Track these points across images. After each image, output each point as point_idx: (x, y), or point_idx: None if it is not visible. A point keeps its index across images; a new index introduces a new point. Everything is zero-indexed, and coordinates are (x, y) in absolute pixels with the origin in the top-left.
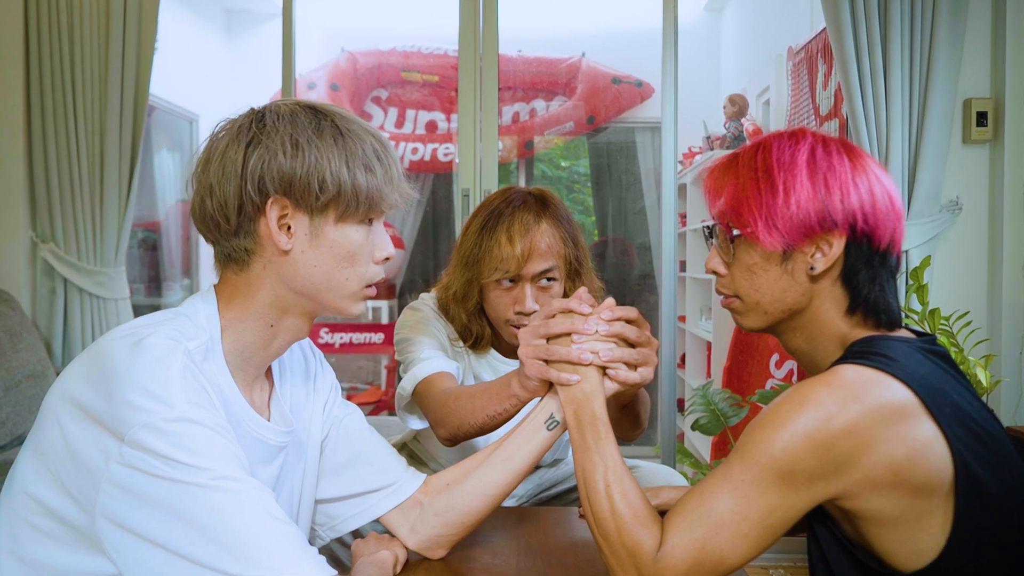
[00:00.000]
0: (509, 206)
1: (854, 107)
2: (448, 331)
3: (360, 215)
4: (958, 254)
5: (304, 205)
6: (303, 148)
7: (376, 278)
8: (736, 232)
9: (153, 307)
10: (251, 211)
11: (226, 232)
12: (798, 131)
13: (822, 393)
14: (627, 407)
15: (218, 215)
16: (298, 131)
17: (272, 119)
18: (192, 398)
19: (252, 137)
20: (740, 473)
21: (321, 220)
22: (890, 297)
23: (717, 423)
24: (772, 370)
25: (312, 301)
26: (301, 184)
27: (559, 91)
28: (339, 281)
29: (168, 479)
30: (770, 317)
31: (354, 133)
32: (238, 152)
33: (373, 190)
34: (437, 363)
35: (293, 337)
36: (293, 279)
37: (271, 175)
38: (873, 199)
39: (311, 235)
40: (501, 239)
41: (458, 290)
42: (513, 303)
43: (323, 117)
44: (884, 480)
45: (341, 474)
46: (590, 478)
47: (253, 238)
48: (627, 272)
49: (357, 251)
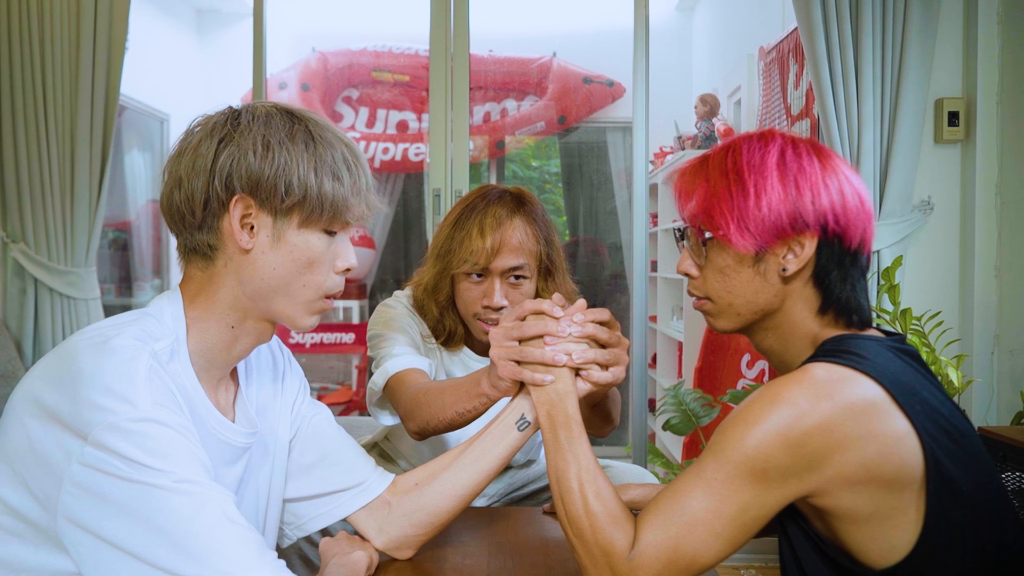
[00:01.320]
0: (484, 200)
1: (825, 107)
2: (421, 328)
3: (324, 222)
4: (930, 254)
5: (269, 206)
6: (273, 150)
7: (334, 289)
8: (708, 235)
9: (124, 307)
10: (216, 207)
11: (191, 225)
12: (767, 132)
13: (794, 391)
14: (598, 405)
15: (184, 208)
16: (271, 132)
17: (247, 119)
18: (157, 399)
19: (225, 134)
20: (713, 471)
21: (284, 223)
22: (861, 297)
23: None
24: (743, 370)
25: (266, 307)
26: (267, 185)
27: (530, 91)
28: (296, 287)
29: (129, 480)
30: (743, 318)
31: (326, 140)
32: (210, 148)
33: (339, 198)
34: (409, 359)
35: (256, 340)
36: (251, 280)
37: (239, 173)
38: (844, 200)
39: (273, 237)
40: (472, 231)
41: (429, 282)
42: (482, 297)
43: (297, 121)
44: (856, 476)
45: (309, 474)
46: (563, 478)
47: (216, 234)
48: (598, 272)
49: (317, 258)
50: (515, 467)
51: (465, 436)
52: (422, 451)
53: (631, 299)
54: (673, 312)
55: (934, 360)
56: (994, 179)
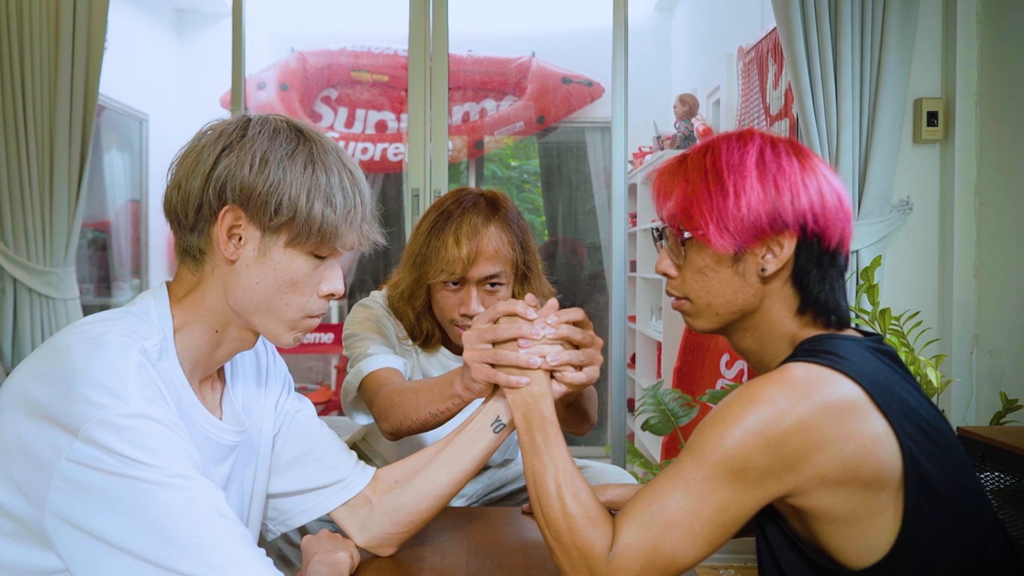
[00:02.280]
0: (459, 207)
1: (804, 107)
2: (397, 329)
3: (311, 245)
4: (909, 254)
5: (258, 221)
6: (270, 166)
7: (317, 311)
8: (687, 235)
9: (103, 307)
10: (207, 213)
11: (184, 226)
12: (746, 132)
13: (773, 391)
14: (574, 404)
15: (179, 209)
16: (272, 148)
17: (255, 131)
18: (147, 395)
19: (230, 143)
20: (692, 471)
21: (272, 240)
22: (839, 297)
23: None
24: (722, 370)
25: (247, 320)
26: (259, 200)
27: (509, 91)
28: (278, 305)
29: (120, 475)
30: (721, 318)
31: (326, 164)
32: (212, 153)
33: (329, 224)
34: (383, 359)
35: (238, 347)
36: (233, 291)
37: (233, 184)
38: (823, 200)
39: (259, 251)
40: (448, 241)
41: (405, 289)
42: (459, 304)
43: (303, 141)
44: (835, 476)
45: (292, 469)
46: (540, 480)
47: (206, 239)
48: (577, 272)
49: (300, 280)
50: (493, 467)
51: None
52: (400, 453)
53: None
54: (652, 312)
55: (913, 360)
56: (973, 179)
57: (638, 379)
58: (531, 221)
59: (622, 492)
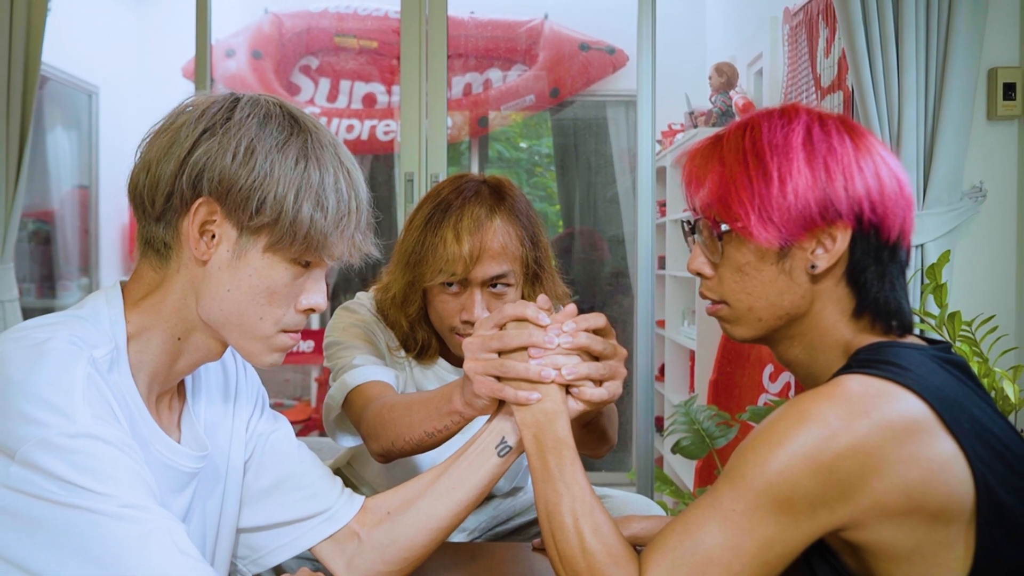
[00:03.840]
0: (459, 197)
1: (861, 78)
2: (388, 338)
3: (295, 252)
4: (982, 248)
5: (236, 219)
6: (256, 157)
7: (294, 326)
8: (724, 227)
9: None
10: (178, 203)
11: (150, 215)
12: (790, 108)
13: (824, 407)
14: (591, 423)
15: (146, 194)
16: (261, 137)
17: (243, 114)
18: (97, 412)
19: (212, 125)
20: (731, 501)
21: (249, 241)
22: (901, 298)
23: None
24: (766, 383)
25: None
26: (239, 195)
27: (518, 59)
28: (251, 318)
29: (64, 505)
30: (765, 324)
31: (321, 161)
32: (190, 135)
33: (316, 231)
34: (372, 371)
35: (203, 357)
36: (202, 297)
37: (211, 174)
38: (880, 184)
39: (234, 253)
40: (447, 236)
41: (398, 293)
42: (460, 310)
43: (298, 131)
44: (896, 506)
45: (266, 500)
46: (555, 511)
47: (174, 233)
48: (596, 270)
49: (278, 290)
50: (499, 496)
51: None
52: (391, 480)
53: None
54: (684, 316)
55: (987, 372)
56: None
57: (668, 394)
58: (543, 210)
59: (649, 525)
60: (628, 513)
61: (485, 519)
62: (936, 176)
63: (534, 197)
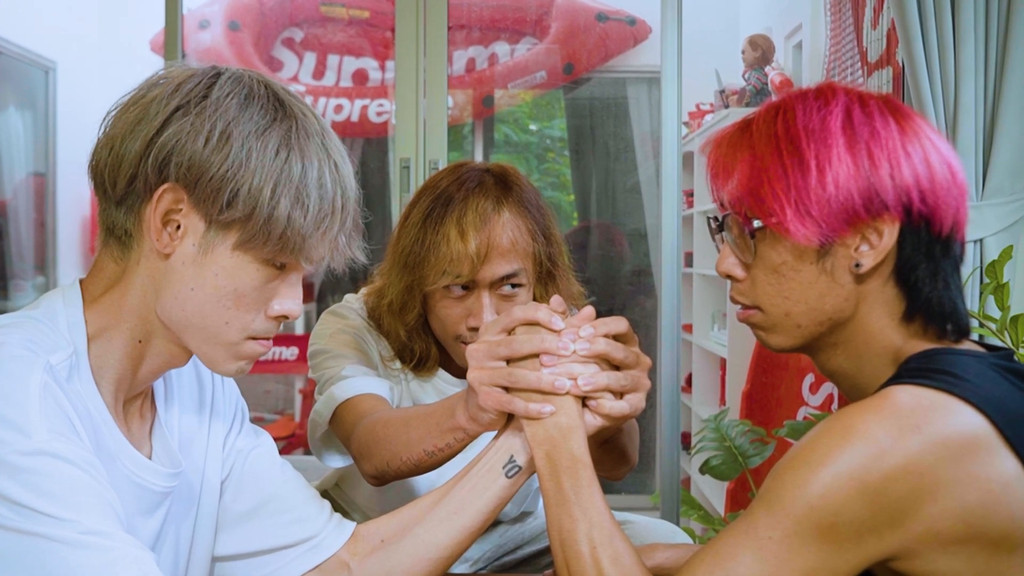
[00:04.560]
0: (461, 189)
1: (912, 52)
2: (381, 347)
3: (267, 253)
4: None
5: (204, 210)
6: (232, 143)
7: (263, 333)
8: (757, 223)
9: None
10: (141, 188)
11: (111, 197)
12: (826, 88)
13: (871, 422)
14: (611, 441)
15: (107, 173)
16: (240, 119)
17: (221, 92)
18: (55, 426)
19: (187, 102)
20: (767, 528)
21: (218, 236)
22: (956, 298)
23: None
24: (806, 395)
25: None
26: (210, 185)
27: (527, 31)
28: (215, 322)
29: (16, 531)
30: (804, 332)
31: (305, 151)
32: (160, 111)
33: (294, 231)
34: (363, 382)
35: (165, 364)
36: (162, 295)
37: (180, 158)
38: (930, 171)
39: (201, 248)
40: (450, 233)
41: (395, 300)
42: (466, 316)
43: (283, 116)
44: (953, 533)
45: (246, 524)
46: (569, 538)
47: (135, 220)
48: (615, 268)
49: (247, 293)
50: (506, 522)
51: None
52: (384, 504)
53: (658, 303)
54: (714, 320)
55: None
56: None
57: (695, 407)
58: (555, 201)
59: (674, 555)
60: (651, 541)
61: (490, 548)
62: (997, 162)
63: (545, 186)
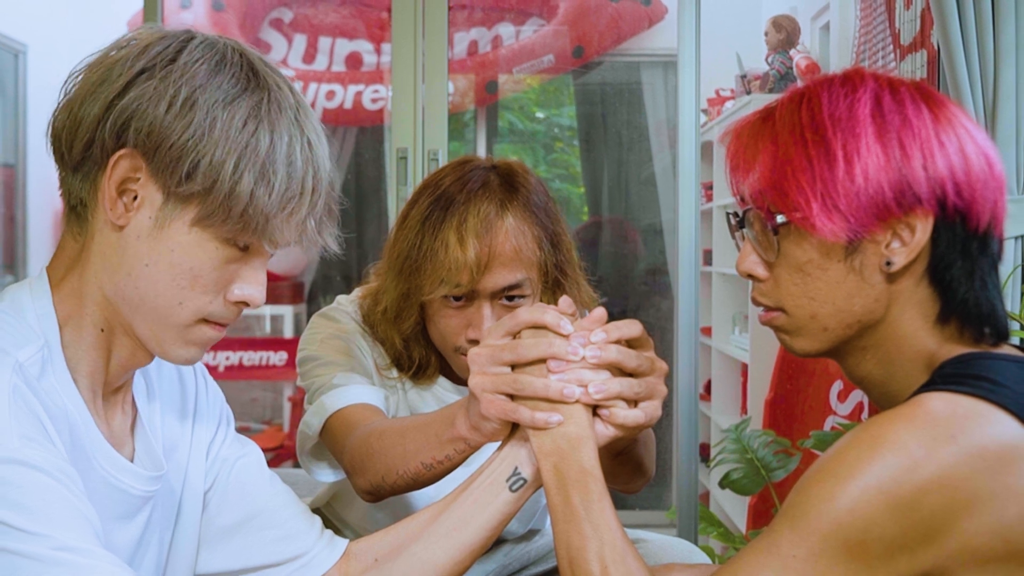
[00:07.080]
0: (463, 190)
1: (949, 34)
2: (375, 353)
3: (227, 231)
4: None
5: (162, 180)
6: (196, 111)
7: (219, 318)
8: (780, 219)
9: None
10: (98, 154)
11: (67, 163)
12: (854, 74)
13: (902, 432)
14: (624, 452)
15: (64, 137)
16: (207, 86)
17: (190, 56)
18: (25, 431)
19: (152, 65)
20: (791, 546)
21: (176, 210)
22: (994, 298)
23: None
24: (833, 403)
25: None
26: (169, 153)
27: (534, 11)
28: (168, 302)
29: None
30: (831, 335)
31: (277, 126)
32: (124, 74)
33: (256, 210)
34: (356, 391)
35: (129, 359)
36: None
37: (140, 124)
38: (966, 162)
39: (156, 222)
40: (449, 239)
41: (391, 306)
42: (465, 327)
43: (254, 85)
44: (990, 550)
45: (230, 540)
46: (579, 557)
47: (91, 188)
48: (629, 266)
49: (204, 274)
50: (510, 540)
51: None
52: (378, 520)
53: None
54: (734, 322)
55: None
56: None
57: (715, 416)
58: (564, 194)
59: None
60: (667, 561)
61: (494, 568)
62: None
63: (553, 178)
